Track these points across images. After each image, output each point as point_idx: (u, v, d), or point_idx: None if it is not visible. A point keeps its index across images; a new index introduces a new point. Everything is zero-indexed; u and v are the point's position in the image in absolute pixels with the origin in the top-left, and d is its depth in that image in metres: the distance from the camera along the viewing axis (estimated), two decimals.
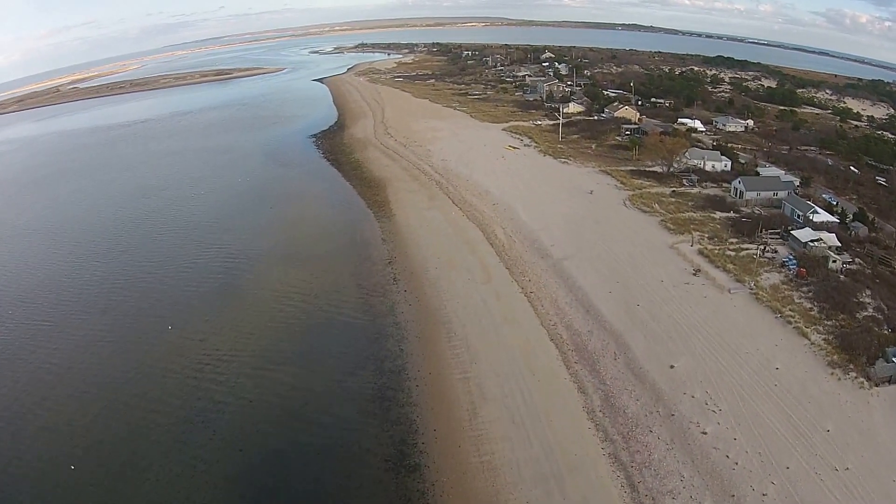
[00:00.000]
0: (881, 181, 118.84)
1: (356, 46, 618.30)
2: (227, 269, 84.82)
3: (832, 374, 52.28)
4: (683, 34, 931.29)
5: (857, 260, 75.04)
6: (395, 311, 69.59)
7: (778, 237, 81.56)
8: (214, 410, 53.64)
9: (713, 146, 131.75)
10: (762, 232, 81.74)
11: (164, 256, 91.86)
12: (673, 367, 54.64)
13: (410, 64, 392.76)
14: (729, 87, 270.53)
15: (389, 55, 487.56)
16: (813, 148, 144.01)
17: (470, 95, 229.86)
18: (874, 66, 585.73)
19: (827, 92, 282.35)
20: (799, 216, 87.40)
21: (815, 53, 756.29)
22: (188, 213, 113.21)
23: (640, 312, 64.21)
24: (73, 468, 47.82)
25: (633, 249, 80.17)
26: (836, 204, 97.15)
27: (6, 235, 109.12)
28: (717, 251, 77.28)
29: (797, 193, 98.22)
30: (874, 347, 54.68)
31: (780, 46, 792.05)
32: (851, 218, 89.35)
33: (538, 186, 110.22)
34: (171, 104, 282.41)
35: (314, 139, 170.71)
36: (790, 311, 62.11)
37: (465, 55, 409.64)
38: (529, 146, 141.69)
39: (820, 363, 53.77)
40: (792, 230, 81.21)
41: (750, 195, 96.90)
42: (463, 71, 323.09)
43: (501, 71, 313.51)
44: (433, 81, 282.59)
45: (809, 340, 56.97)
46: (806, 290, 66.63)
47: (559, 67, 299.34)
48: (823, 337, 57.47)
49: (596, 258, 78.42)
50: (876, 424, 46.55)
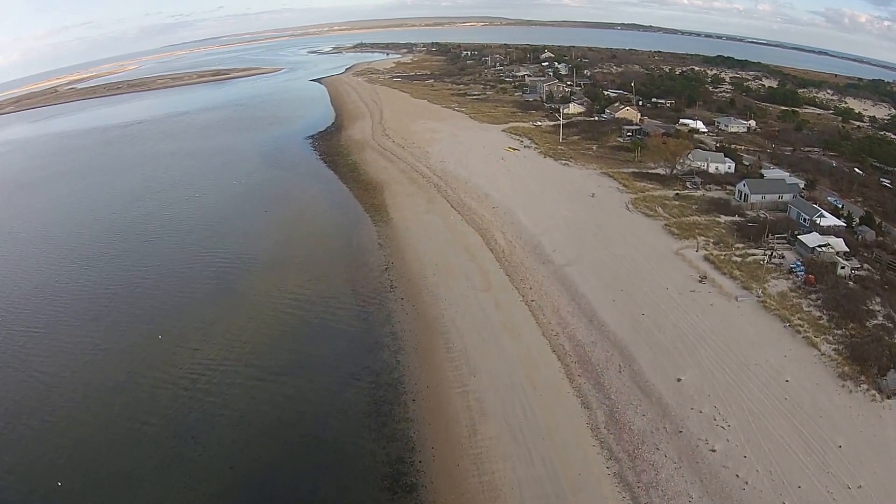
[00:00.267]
0: (886, 183, 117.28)
1: (355, 46, 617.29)
2: (221, 274, 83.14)
3: (843, 386, 50.78)
4: (683, 34, 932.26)
5: (865, 266, 73.35)
6: (391, 320, 67.85)
7: (785, 242, 79.84)
8: (206, 423, 52.43)
9: (716, 148, 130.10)
10: (769, 237, 80.00)
11: (157, 261, 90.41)
12: (680, 380, 52.94)
13: (409, 64, 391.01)
14: (730, 87, 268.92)
15: (388, 55, 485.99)
16: (816, 149, 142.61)
17: (469, 96, 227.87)
18: (874, 65, 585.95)
19: (828, 92, 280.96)
20: (805, 220, 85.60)
21: (814, 53, 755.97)
22: (183, 216, 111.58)
23: (645, 322, 62.41)
24: (59, 484, 46.53)
25: (636, 255, 78.36)
26: (841, 207, 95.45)
27: None
28: (723, 257, 75.48)
29: (802, 196, 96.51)
30: (885, 358, 53.19)
31: (779, 46, 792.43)
32: (858, 222, 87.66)
33: (539, 189, 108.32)
34: (167, 105, 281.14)
35: (311, 140, 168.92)
36: (799, 319, 60.47)
37: (464, 55, 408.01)
38: (529, 148, 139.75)
39: (830, 375, 52.21)
40: (799, 235, 79.45)
41: (755, 198, 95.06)
42: (462, 71, 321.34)
43: (501, 71, 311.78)
44: (432, 82, 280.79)
45: (819, 351, 55.37)
46: (814, 297, 64.95)
47: (559, 67, 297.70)
48: (833, 347, 55.86)
49: (599, 264, 76.60)
50: (888, 438, 45.25)
